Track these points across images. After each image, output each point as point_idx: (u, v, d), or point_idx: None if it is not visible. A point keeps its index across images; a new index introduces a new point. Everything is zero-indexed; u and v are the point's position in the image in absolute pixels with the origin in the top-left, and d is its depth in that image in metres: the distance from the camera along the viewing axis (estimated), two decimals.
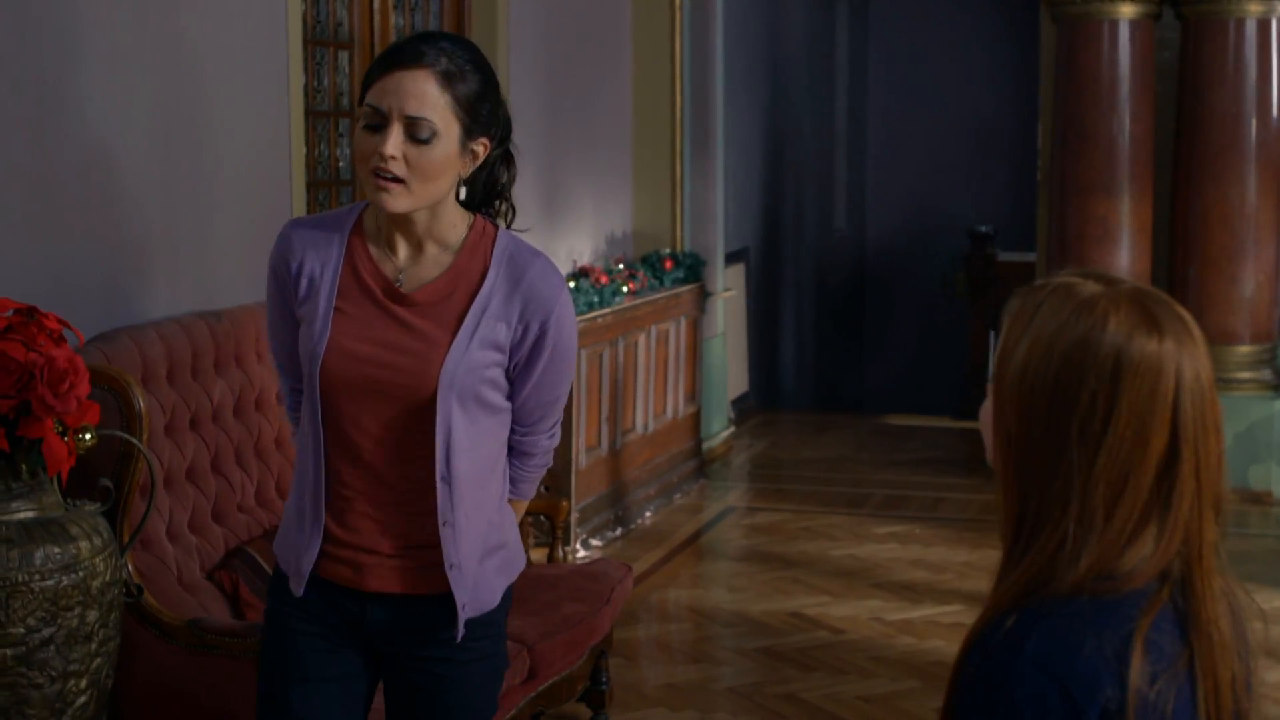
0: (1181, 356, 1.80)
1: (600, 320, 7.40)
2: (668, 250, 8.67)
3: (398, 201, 2.85)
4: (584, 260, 8.10)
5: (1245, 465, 8.40)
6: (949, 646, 6.17)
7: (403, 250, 2.96)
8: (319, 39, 5.96)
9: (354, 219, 3.00)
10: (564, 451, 7.11)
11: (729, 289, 9.69)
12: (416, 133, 2.82)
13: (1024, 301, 1.86)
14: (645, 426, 8.08)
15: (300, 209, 5.53)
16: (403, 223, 2.93)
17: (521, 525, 5.30)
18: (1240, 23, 8.35)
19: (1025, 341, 1.82)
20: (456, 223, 2.97)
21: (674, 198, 8.82)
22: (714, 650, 6.31)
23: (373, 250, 2.97)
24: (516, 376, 2.98)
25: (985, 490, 8.68)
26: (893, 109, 14.99)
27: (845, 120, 14.56)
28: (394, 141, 2.82)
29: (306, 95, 5.73)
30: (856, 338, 15.18)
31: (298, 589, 3.00)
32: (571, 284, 7.36)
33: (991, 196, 14.30)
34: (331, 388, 2.92)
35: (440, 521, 2.92)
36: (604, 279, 7.63)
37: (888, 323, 15.18)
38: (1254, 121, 8.39)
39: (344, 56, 6.16)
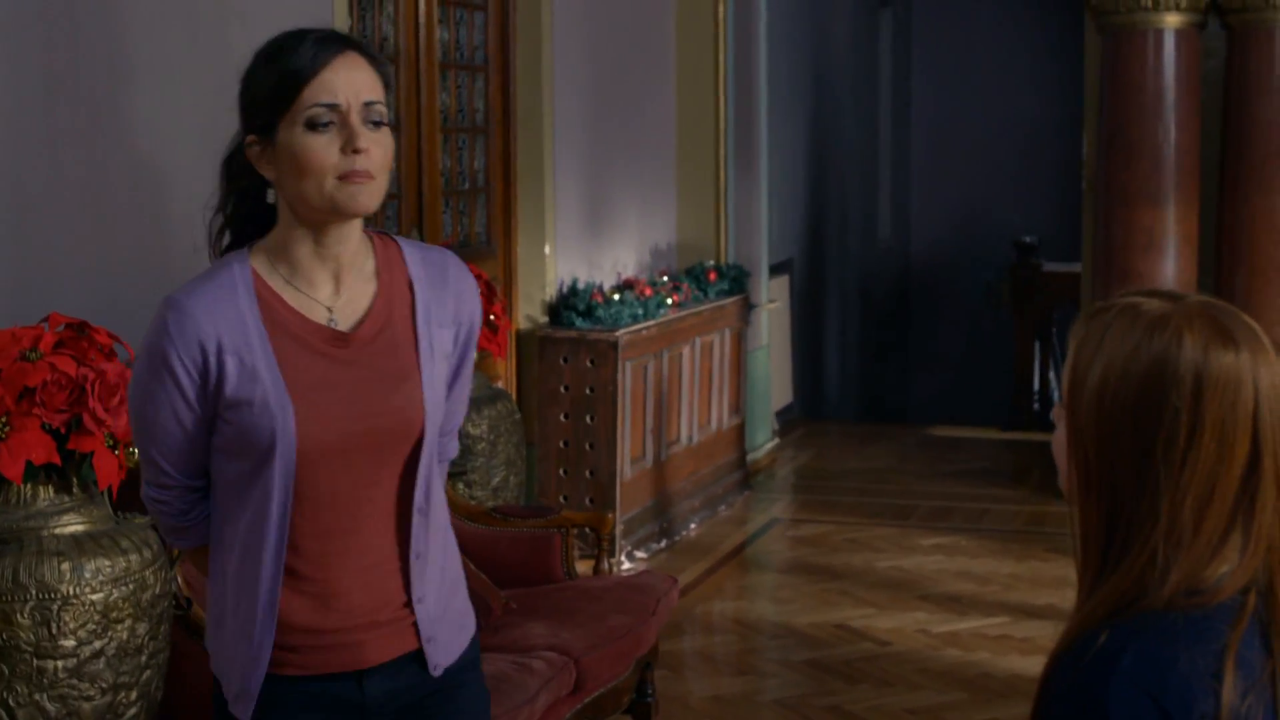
0: (1258, 366, 1.82)
1: (645, 332, 7.42)
2: (712, 262, 8.68)
3: (372, 199, 2.60)
4: (628, 273, 8.12)
5: None
6: (995, 659, 6.16)
7: (323, 288, 2.66)
8: None
9: (246, 270, 2.63)
10: (608, 463, 7.13)
11: (773, 300, 9.70)
12: (373, 118, 2.58)
13: (1090, 325, 1.87)
14: (690, 438, 8.09)
15: None
16: (327, 254, 2.64)
17: (568, 538, 5.33)
18: None
19: (1099, 365, 1.83)
20: (362, 241, 2.71)
21: (718, 209, 8.84)
22: (759, 662, 6.32)
23: (286, 298, 2.64)
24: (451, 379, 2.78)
25: (1031, 501, 8.66)
26: (937, 118, 14.98)
27: (889, 129, 14.55)
28: (364, 132, 2.57)
29: None
30: (901, 349, 15.17)
31: (246, 712, 2.71)
32: (616, 296, 7.38)
33: (1036, 206, 14.26)
34: (308, 463, 2.60)
35: (413, 555, 2.70)
36: (648, 291, 7.65)
37: (933, 333, 15.15)
38: None
39: (391, 71, 6.19)
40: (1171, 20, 8.31)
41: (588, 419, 7.14)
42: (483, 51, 7.02)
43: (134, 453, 3.56)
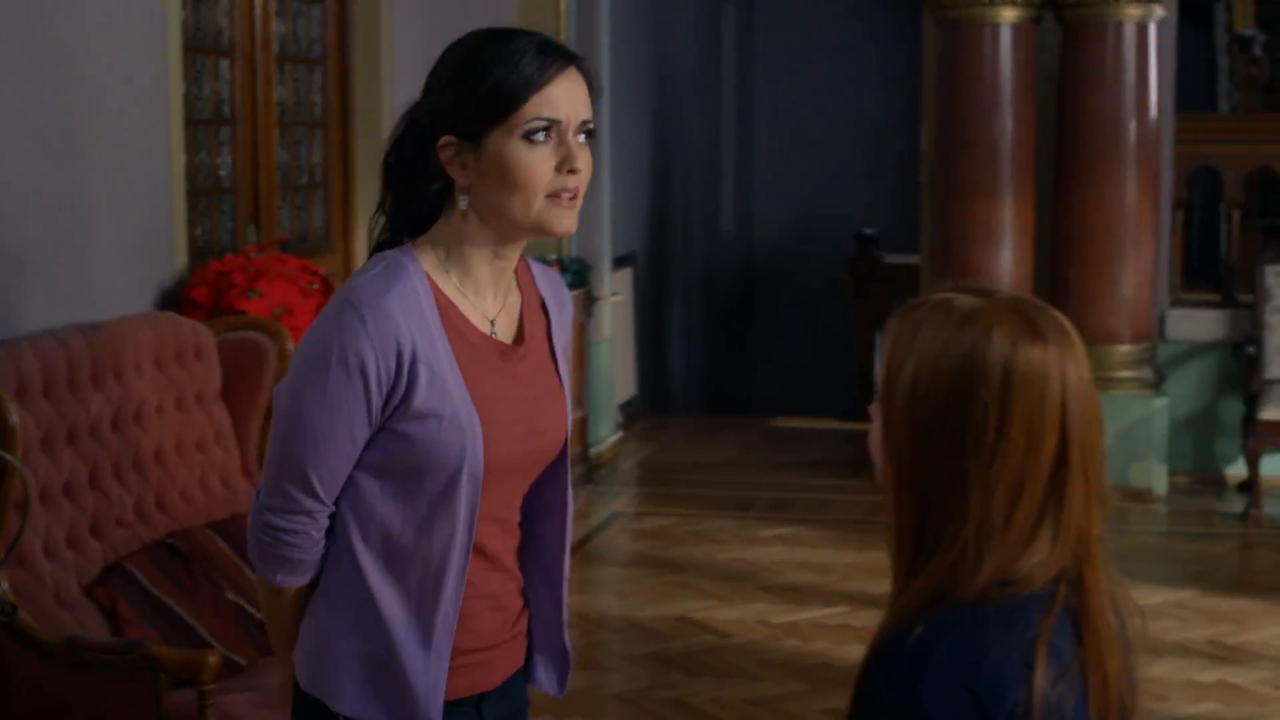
0: (1065, 361, 1.86)
1: None
2: (554, 255, 8.67)
3: (575, 220, 2.49)
4: None
5: (1126, 463, 8.51)
6: (834, 648, 6.21)
7: (489, 298, 2.54)
8: (199, 46, 5.90)
9: (420, 271, 2.48)
10: None
11: (616, 293, 9.70)
12: (583, 139, 2.48)
13: (903, 321, 1.90)
14: None
15: (180, 218, 5.48)
16: (503, 265, 2.53)
17: None
18: (1119, 26, 8.46)
19: (911, 361, 1.86)
20: None
21: None
22: (601, 656, 6.32)
23: (458, 303, 2.51)
24: None
25: (872, 492, 8.73)
26: (780, 111, 15.07)
27: (733, 123, 14.62)
28: (581, 152, 2.47)
29: (186, 103, 5.68)
30: (745, 341, 15.24)
31: None
32: None
33: (879, 199, 14.40)
34: (490, 480, 2.49)
35: (564, 579, 2.70)
36: None
37: (775, 325, 15.25)
38: (1133, 124, 8.50)
39: (224, 64, 6.11)
40: (1007, 15, 8.42)
41: None
42: (320, 44, 6.95)
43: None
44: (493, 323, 2.54)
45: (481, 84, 2.47)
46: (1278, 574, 7.29)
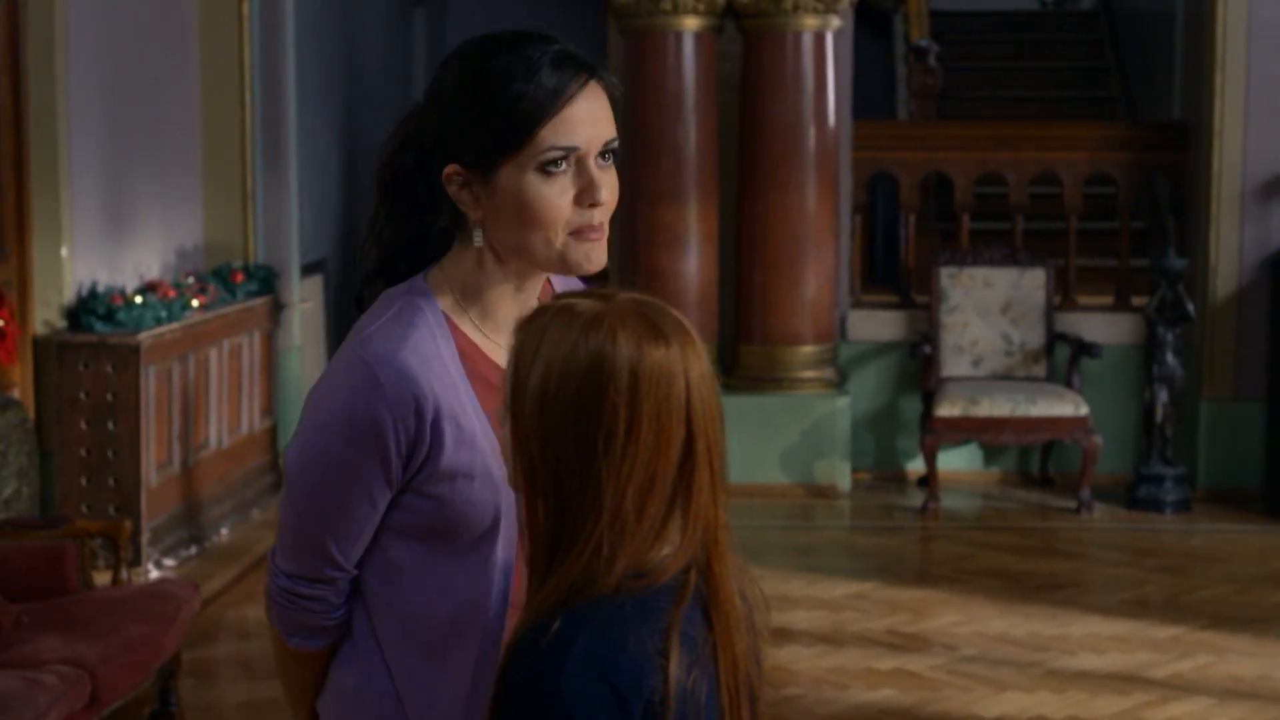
0: (688, 359, 1.91)
1: (169, 336, 7.25)
2: (239, 263, 8.55)
3: (604, 254, 2.24)
4: (152, 275, 7.92)
5: (811, 461, 8.73)
6: None
7: (506, 330, 2.20)
8: None
9: (438, 311, 2.25)
10: (132, 471, 6.95)
11: (306, 300, 9.61)
12: (605, 159, 2.23)
13: (528, 329, 1.94)
14: (220, 441, 7.95)
15: None
16: (525, 300, 2.29)
17: (85, 548, 5.18)
18: (797, 35, 8.66)
19: (539, 367, 1.90)
20: None
21: (245, 210, 8.70)
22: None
23: (480, 344, 2.27)
24: None
25: None
26: None
27: None
28: (604, 181, 2.21)
29: None
30: None
31: None
32: (137, 299, 7.19)
33: None
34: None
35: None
36: (171, 293, 7.48)
37: None
38: (812, 130, 8.71)
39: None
40: (689, 24, 8.58)
41: (110, 425, 6.93)
42: None
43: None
44: None
45: (490, 109, 2.19)
46: (954, 565, 7.55)
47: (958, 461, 9.08)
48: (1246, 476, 8.74)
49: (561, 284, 2.43)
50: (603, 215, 2.22)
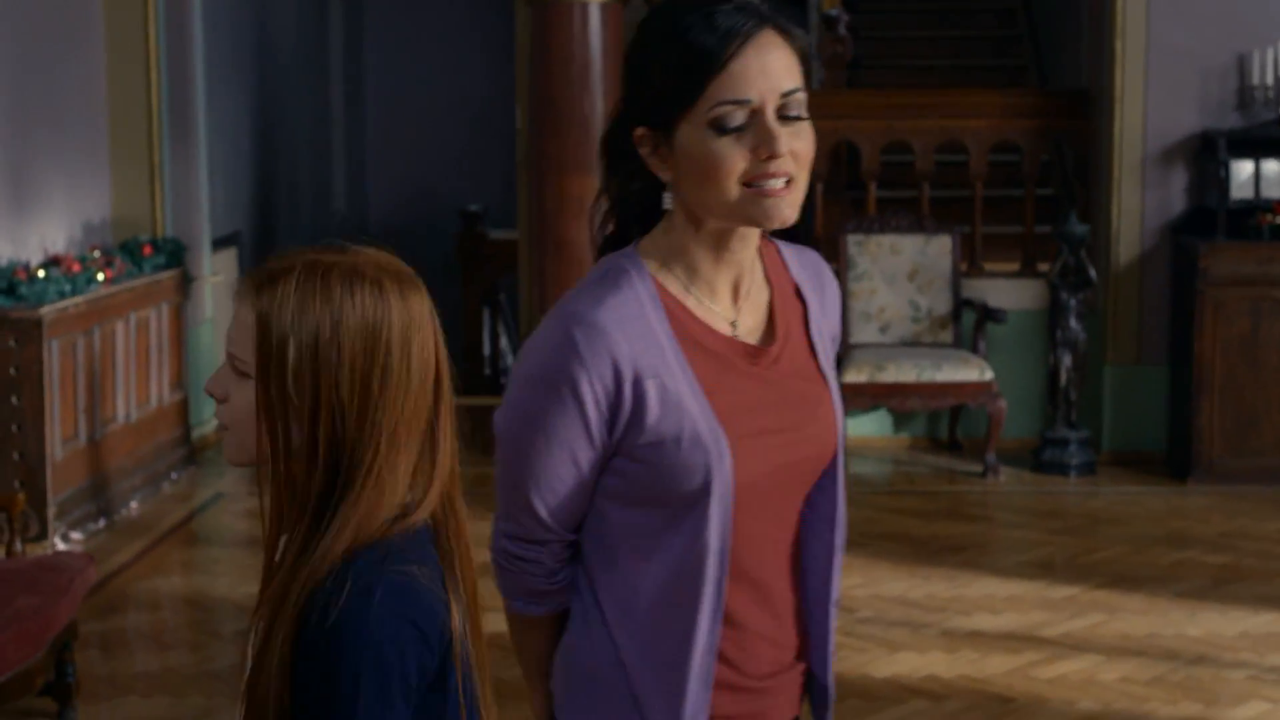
0: (432, 308, 2.01)
1: (74, 309, 7.25)
2: (147, 236, 8.54)
3: (793, 208, 2.18)
4: (57, 248, 7.91)
5: None
6: None
7: (723, 297, 2.27)
8: None
9: (645, 275, 2.24)
10: (37, 445, 6.95)
11: (218, 274, 9.60)
12: (790, 111, 2.16)
13: (272, 290, 1.95)
14: (128, 416, 7.95)
15: None
16: (730, 260, 2.26)
17: None
18: None
19: (306, 325, 1.93)
20: None
21: (153, 183, 8.69)
22: (197, 636, 6.31)
23: (691, 307, 2.25)
24: None
25: (479, 463, 8.83)
26: (390, 92, 15.05)
27: (342, 105, 14.55)
28: (782, 133, 2.15)
29: None
30: None
31: None
32: (41, 273, 7.18)
33: (486, 177, 14.51)
34: (750, 500, 2.24)
35: (832, 603, 2.39)
36: (76, 267, 7.48)
37: None
38: None
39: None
40: None
41: (13, 400, 6.93)
42: None
43: None
44: (734, 324, 2.28)
45: (663, 62, 2.17)
46: (860, 529, 7.62)
47: (868, 427, 9.17)
48: (1150, 440, 8.87)
49: (792, 253, 2.43)
50: (784, 168, 2.15)
